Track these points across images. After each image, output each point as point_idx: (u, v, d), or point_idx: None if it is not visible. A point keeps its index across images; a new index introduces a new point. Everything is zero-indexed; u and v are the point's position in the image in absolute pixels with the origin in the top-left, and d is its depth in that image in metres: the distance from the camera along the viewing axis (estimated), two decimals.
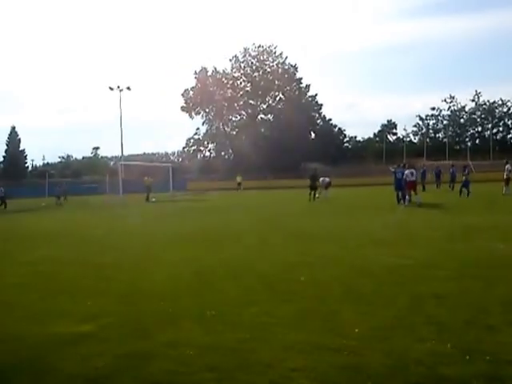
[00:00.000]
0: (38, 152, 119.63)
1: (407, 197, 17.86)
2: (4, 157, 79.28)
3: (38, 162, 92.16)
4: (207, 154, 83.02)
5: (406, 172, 18.13)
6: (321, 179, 25.40)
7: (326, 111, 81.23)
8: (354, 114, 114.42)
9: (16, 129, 78.58)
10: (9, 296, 5.92)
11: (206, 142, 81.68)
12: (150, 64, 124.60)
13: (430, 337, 3.84)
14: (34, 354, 3.86)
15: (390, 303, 4.84)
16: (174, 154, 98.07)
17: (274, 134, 74.70)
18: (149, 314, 4.84)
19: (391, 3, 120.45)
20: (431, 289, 5.32)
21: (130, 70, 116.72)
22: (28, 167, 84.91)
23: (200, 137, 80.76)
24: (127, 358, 3.66)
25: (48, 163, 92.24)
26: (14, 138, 78.40)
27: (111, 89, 39.51)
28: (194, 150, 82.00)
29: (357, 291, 5.37)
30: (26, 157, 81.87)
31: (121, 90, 39.47)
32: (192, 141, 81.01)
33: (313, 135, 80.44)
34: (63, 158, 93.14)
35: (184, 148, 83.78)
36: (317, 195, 23.68)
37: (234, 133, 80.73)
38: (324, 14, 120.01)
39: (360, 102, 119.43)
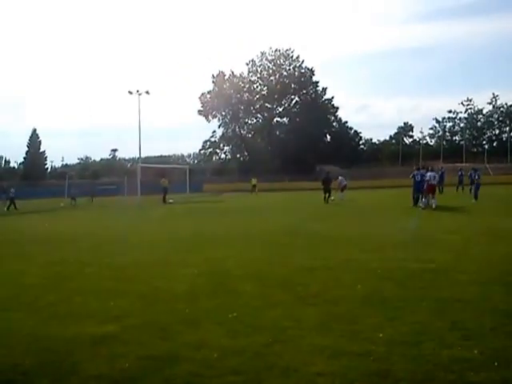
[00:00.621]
0: (58, 154, 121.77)
1: (424, 200, 17.65)
2: (25, 158, 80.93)
3: (58, 164, 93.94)
4: (223, 156, 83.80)
5: (429, 174, 17.91)
6: (339, 178, 25.43)
7: (340, 113, 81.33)
8: (368, 116, 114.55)
9: (37, 131, 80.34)
10: (30, 297, 5.93)
11: (221, 145, 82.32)
12: (169, 68, 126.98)
13: (456, 343, 3.78)
14: (57, 355, 3.86)
15: (413, 308, 4.77)
16: (191, 156, 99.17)
17: (289, 137, 74.99)
18: (170, 315, 4.85)
19: (408, 6, 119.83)
20: (454, 293, 5.24)
21: (149, 74, 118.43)
22: (48, 169, 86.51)
23: (216, 139, 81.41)
24: (151, 360, 3.65)
25: (67, 164, 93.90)
26: (34, 140, 79.92)
27: (130, 93, 39.81)
28: (210, 153, 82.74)
29: (380, 296, 5.30)
30: (45, 158, 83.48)
31: (140, 94, 39.77)
32: (208, 143, 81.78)
33: (328, 138, 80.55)
34: (82, 159, 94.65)
35: (200, 150, 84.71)
36: (332, 197, 23.72)
37: (250, 135, 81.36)
38: (339, 17, 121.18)
39: (373, 105, 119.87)
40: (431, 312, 4.63)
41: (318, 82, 78.28)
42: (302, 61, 77.97)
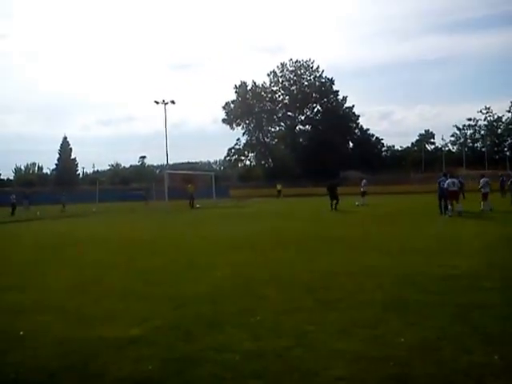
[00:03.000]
0: (90, 160, 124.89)
1: (449, 206, 17.27)
2: (56, 165, 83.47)
3: (89, 170, 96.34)
4: (248, 162, 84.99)
5: (448, 181, 17.61)
6: (363, 181, 25.30)
7: (361, 121, 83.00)
8: (390, 124, 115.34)
9: (67, 139, 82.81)
10: (58, 300, 6.04)
11: (246, 152, 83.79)
12: (193, 78, 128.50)
13: (476, 348, 3.76)
14: (84, 358, 3.91)
15: (435, 313, 4.76)
16: (216, 162, 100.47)
17: (312, 144, 75.90)
18: (194, 317, 4.92)
19: (428, 18, 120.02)
20: (476, 299, 5.20)
21: (175, 84, 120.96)
22: (79, 175, 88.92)
23: (240, 147, 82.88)
24: (175, 362, 3.72)
25: (98, 171, 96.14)
26: (65, 148, 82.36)
27: (157, 102, 40.82)
28: (235, 159, 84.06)
29: (402, 301, 5.29)
30: (77, 165, 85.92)
31: (166, 104, 40.69)
32: (233, 150, 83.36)
33: (351, 145, 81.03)
34: (112, 166, 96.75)
35: (226, 157, 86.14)
36: (356, 203, 23.49)
37: (274, 143, 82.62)
38: (360, 28, 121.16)
39: (395, 112, 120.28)
40: (452, 317, 4.60)
41: (338, 91, 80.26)
42: (322, 71, 79.77)
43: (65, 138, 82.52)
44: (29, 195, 37.98)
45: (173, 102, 41.16)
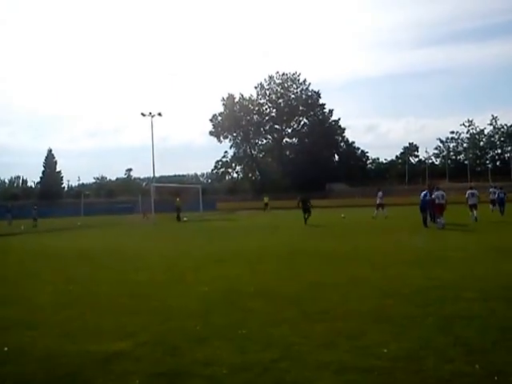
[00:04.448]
0: (75, 173, 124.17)
1: (438, 220, 17.30)
2: (41, 178, 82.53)
3: (74, 183, 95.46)
4: (235, 175, 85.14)
5: (436, 193, 17.74)
6: (379, 193, 25.36)
7: (347, 133, 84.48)
8: (375, 136, 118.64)
9: (52, 151, 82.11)
10: (44, 314, 6.00)
11: (233, 164, 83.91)
12: (180, 91, 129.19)
13: (458, 358, 3.84)
14: (70, 373, 3.90)
15: (418, 324, 4.84)
16: (204, 175, 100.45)
17: (299, 157, 76.70)
18: (181, 332, 4.92)
19: (412, 31, 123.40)
20: (459, 310, 5.30)
21: (161, 96, 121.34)
22: (64, 188, 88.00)
23: (228, 159, 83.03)
24: (162, 377, 3.72)
25: (83, 184, 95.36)
26: (50, 160, 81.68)
27: (143, 115, 40.85)
28: (222, 172, 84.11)
29: (386, 312, 5.36)
30: (62, 178, 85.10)
31: (152, 116, 40.76)
32: (220, 163, 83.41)
33: (337, 157, 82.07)
34: (98, 178, 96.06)
35: (213, 170, 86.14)
36: (373, 215, 23.26)
37: (261, 155, 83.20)
38: (347, 41, 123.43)
39: (380, 125, 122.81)
40: (435, 328, 4.68)
41: (324, 104, 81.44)
42: (309, 84, 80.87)
43: (50, 151, 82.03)
44: (11, 209, 37.38)
45: (160, 115, 41.25)
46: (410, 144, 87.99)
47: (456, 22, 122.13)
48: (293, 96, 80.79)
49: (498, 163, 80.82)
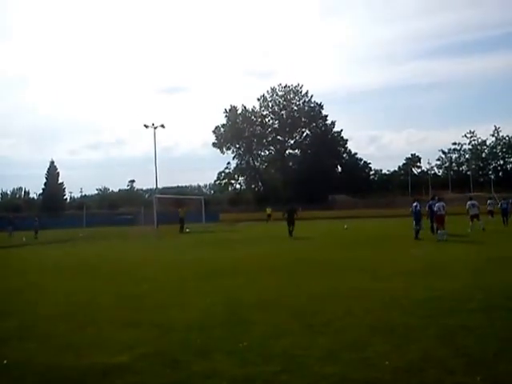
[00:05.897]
0: (76, 185, 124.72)
1: (440, 231, 17.14)
2: (43, 189, 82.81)
3: (77, 195, 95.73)
4: (237, 186, 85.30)
5: (437, 205, 17.69)
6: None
7: (350, 145, 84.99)
8: (378, 148, 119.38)
9: (55, 163, 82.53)
10: (44, 327, 5.98)
11: (236, 176, 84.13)
12: (183, 102, 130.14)
13: (459, 369, 3.82)
14: None
15: (419, 335, 4.82)
16: (206, 186, 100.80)
17: (301, 168, 76.72)
18: (182, 344, 4.90)
19: (413, 44, 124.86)
20: (460, 321, 5.29)
21: (164, 108, 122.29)
22: (66, 199, 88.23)
23: (230, 171, 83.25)
24: None
25: (86, 195, 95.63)
26: (52, 172, 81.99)
27: (146, 126, 41.10)
28: (225, 183, 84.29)
29: (388, 324, 5.34)
30: (64, 189, 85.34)
31: (155, 128, 41.00)
32: (223, 174, 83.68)
33: (339, 169, 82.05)
34: (100, 190, 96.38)
35: (215, 181, 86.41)
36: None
37: (264, 167, 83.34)
38: (351, 54, 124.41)
39: (383, 137, 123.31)
40: (436, 339, 4.66)
41: (327, 116, 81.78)
42: (311, 96, 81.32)
43: (52, 163, 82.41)
44: (13, 221, 37.30)
45: (162, 126, 41.52)
46: (412, 155, 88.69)
47: (457, 33, 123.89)
48: (295, 108, 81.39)
49: (500, 174, 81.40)
